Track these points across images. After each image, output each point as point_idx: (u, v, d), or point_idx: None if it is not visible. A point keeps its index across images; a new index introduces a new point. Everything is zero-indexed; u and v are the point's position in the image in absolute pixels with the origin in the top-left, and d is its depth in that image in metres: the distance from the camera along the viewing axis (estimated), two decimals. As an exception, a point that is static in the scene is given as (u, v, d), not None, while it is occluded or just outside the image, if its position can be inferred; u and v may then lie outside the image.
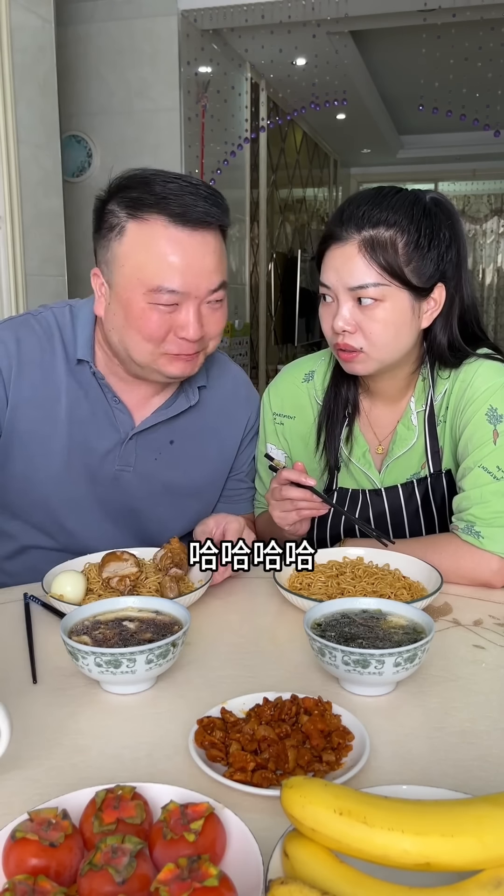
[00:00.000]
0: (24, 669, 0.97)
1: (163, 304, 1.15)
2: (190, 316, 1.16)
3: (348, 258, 1.19)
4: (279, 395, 1.43)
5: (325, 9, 4.13)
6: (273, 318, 6.51)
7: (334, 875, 0.56)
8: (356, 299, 1.20)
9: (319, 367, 1.41)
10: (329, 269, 1.22)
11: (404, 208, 1.19)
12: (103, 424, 1.30)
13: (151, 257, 1.13)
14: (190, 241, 1.14)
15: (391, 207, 1.19)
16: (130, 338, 1.19)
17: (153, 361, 1.21)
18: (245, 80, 5.35)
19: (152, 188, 1.14)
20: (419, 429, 1.31)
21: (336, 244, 1.20)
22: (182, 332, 1.17)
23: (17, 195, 2.64)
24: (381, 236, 1.18)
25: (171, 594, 1.10)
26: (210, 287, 1.17)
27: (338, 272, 1.20)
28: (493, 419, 1.23)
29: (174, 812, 0.59)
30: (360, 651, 0.84)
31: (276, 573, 1.17)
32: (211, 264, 1.16)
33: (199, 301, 1.17)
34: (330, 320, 1.24)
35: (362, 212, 1.19)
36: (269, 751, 0.74)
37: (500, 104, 6.26)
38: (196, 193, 1.15)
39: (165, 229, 1.13)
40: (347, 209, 1.21)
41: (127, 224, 1.15)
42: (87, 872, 0.54)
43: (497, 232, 10.01)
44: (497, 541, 1.21)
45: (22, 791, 0.72)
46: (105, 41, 4.13)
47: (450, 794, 0.66)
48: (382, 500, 1.35)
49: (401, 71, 5.86)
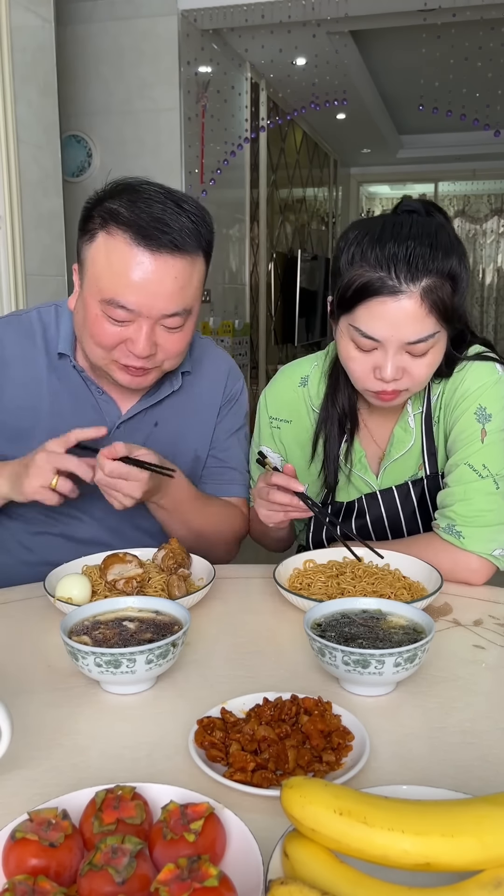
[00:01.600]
0: (24, 669, 0.97)
1: (114, 318, 1.16)
2: (141, 333, 1.16)
3: (407, 313, 1.11)
4: (275, 399, 1.41)
5: (325, 9, 4.13)
6: (273, 318, 6.51)
7: (334, 875, 0.56)
8: (406, 350, 1.14)
9: (314, 373, 1.38)
10: (380, 323, 1.12)
11: (452, 246, 1.14)
12: (89, 415, 1.32)
13: (111, 270, 1.14)
14: (150, 263, 1.12)
15: (443, 251, 1.12)
16: (85, 340, 1.23)
17: (105, 366, 1.23)
18: (245, 79, 5.35)
19: (134, 204, 1.14)
20: (416, 431, 1.31)
21: (388, 297, 1.10)
22: (131, 346, 1.18)
23: (17, 195, 2.64)
24: (438, 285, 1.11)
25: (179, 593, 1.10)
26: (165, 311, 1.15)
27: (395, 328, 1.12)
28: (481, 418, 1.23)
29: (174, 812, 0.59)
30: (360, 651, 0.84)
31: (277, 573, 1.17)
32: (169, 289, 1.14)
33: (152, 321, 1.16)
34: (369, 370, 1.17)
35: (416, 258, 1.10)
36: (269, 751, 0.74)
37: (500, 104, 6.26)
38: (175, 220, 1.13)
39: (128, 247, 1.12)
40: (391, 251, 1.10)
41: (98, 232, 1.16)
42: (87, 873, 0.54)
43: (497, 232, 10.01)
44: (477, 540, 1.21)
45: (22, 791, 0.72)
46: (105, 41, 4.14)
47: (450, 795, 0.66)
48: (379, 503, 1.35)
49: (401, 71, 5.86)
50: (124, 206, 1.14)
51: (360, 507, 1.36)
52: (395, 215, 1.19)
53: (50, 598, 1.08)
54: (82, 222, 1.20)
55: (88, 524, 1.35)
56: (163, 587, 1.13)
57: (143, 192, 1.16)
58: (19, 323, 1.35)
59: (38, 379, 1.32)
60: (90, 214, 1.18)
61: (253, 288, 5.87)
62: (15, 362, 1.32)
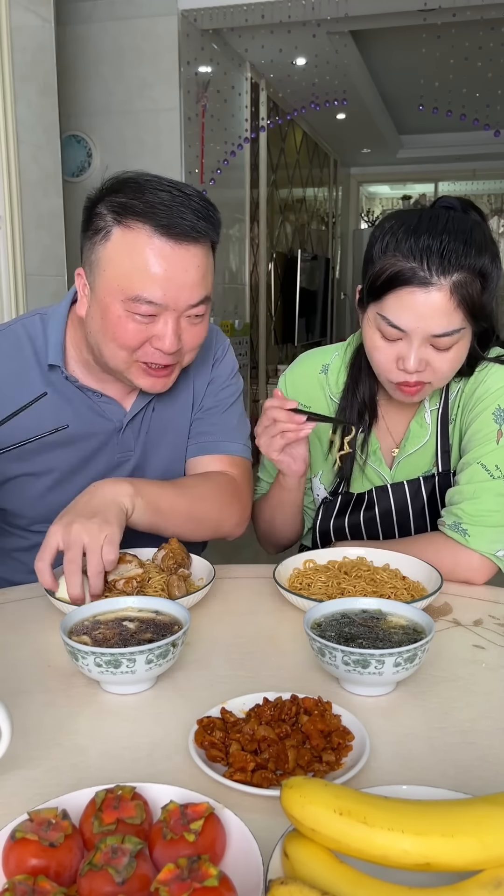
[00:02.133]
0: (24, 669, 0.97)
1: (140, 314, 1.13)
2: (168, 328, 1.14)
3: (435, 305, 1.12)
4: (295, 383, 1.42)
5: (325, 9, 4.14)
6: (273, 318, 6.51)
7: (334, 875, 0.56)
8: (431, 343, 1.15)
9: (334, 362, 1.39)
10: (408, 313, 1.13)
11: (486, 245, 1.14)
12: (92, 420, 1.30)
13: (133, 266, 1.11)
14: (173, 254, 1.11)
15: (477, 248, 1.13)
16: (105, 344, 1.18)
17: (126, 369, 1.20)
18: (245, 79, 5.35)
19: (143, 195, 1.12)
20: (432, 427, 1.32)
21: (418, 287, 1.11)
22: (158, 343, 1.15)
23: (17, 195, 2.64)
24: (469, 281, 1.12)
25: (179, 593, 1.10)
26: (190, 301, 1.14)
27: (422, 319, 1.13)
28: (499, 419, 1.23)
29: (174, 812, 0.59)
30: (360, 651, 0.84)
31: (277, 573, 1.17)
32: (194, 278, 1.14)
33: (177, 314, 1.15)
34: (393, 360, 1.18)
35: (449, 252, 1.11)
36: (269, 751, 0.74)
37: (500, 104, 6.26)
38: (187, 205, 1.13)
39: (150, 239, 1.11)
40: (425, 243, 1.11)
41: (113, 229, 1.13)
42: (86, 872, 0.54)
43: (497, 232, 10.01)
44: (481, 539, 1.21)
45: (22, 791, 0.72)
46: (105, 41, 4.14)
47: (450, 795, 0.66)
48: (389, 496, 1.35)
49: (401, 71, 5.86)
50: (135, 197, 1.12)
51: (369, 499, 1.36)
52: (432, 209, 1.20)
53: (50, 598, 1.08)
54: (87, 222, 1.17)
55: None
56: (163, 587, 1.13)
57: (149, 184, 1.14)
58: (5, 338, 1.30)
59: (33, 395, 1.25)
60: (96, 212, 1.15)
61: (253, 288, 5.87)
62: (7, 380, 1.27)
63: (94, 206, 1.16)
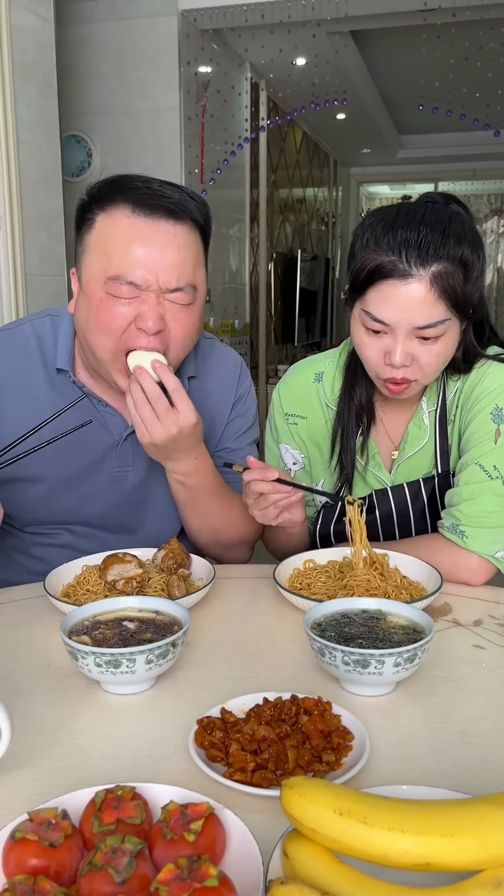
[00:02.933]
0: (24, 669, 0.97)
1: (121, 295, 1.12)
2: (148, 305, 1.13)
3: (416, 297, 1.11)
4: (290, 395, 1.40)
5: (325, 9, 4.13)
6: (273, 318, 6.51)
7: (334, 875, 0.56)
8: (416, 335, 1.15)
9: (328, 370, 1.38)
10: (390, 306, 1.13)
11: (465, 235, 1.14)
12: (94, 429, 1.28)
13: (112, 246, 1.12)
14: (151, 231, 1.11)
15: (455, 237, 1.12)
16: (92, 333, 1.17)
17: (111, 362, 1.17)
18: (245, 80, 5.35)
19: (130, 182, 1.14)
20: (430, 428, 1.31)
21: (398, 280, 1.11)
22: (140, 322, 1.13)
23: (17, 195, 2.64)
24: (449, 271, 1.12)
25: (179, 593, 1.10)
26: (168, 285, 1.13)
27: (404, 311, 1.12)
28: (497, 418, 1.23)
29: (174, 812, 0.59)
30: (360, 651, 0.84)
31: (277, 573, 1.17)
32: (173, 258, 1.12)
33: (158, 293, 1.13)
34: (380, 353, 1.18)
35: (427, 243, 1.11)
36: (268, 751, 0.74)
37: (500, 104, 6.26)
38: (172, 189, 1.13)
39: (128, 218, 1.12)
40: (403, 236, 1.12)
41: (97, 217, 1.15)
42: (86, 873, 0.54)
43: (497, 232, 10.02)
44: (480, 541, 1.21)
45: (22, 791, 0.72)
46: (105, 41, 4.13)
47: (450, 795, 0.66)
48: (389, 499, 1.35)
49: (401, 71, 5.86)
50: (118, 187, 1.14)
51: (370, 502, 1.36)
52: (411, 203, 1.20)
53: (50, 598, 1.08)
54: (78, 221, 1.19)
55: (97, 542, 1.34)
56: (163, 587, 1.13)
57: (138, 176, 1.16)
58: (12, 337, 1.28)
59: (38, 399, 1.26)
60: (87, 208, 1.17)
61: (253, 288, 5.87)
62: (11, 382, 1.25)
63: (86, 204, 1.17)
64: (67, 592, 1.14)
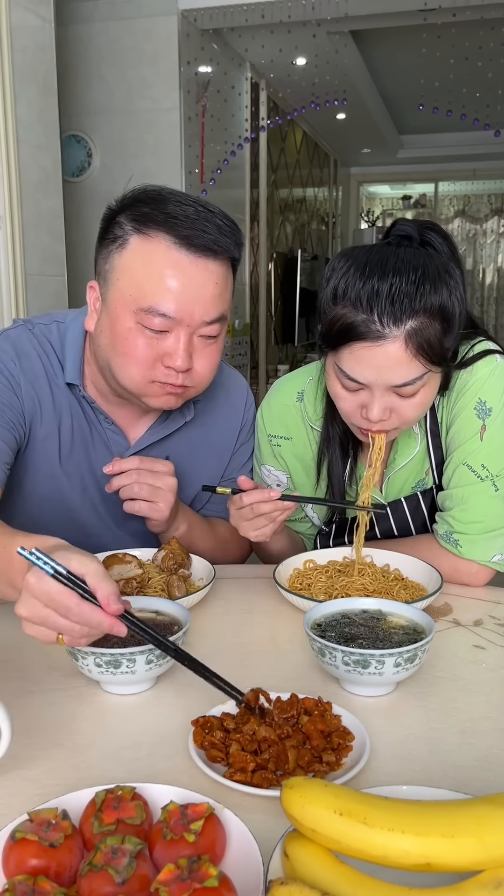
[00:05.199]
0: (24, 669, 0.97)
1: (152, 327, 1.09)
2: (180, 344, 1.10)
3: (391, 358, 1.06)
4: (272, 416, 1.37)
5: (325, 8, 4.13)
6: (273, 318, 6.51)
7: (334, 875, 0.56)
8: (394, 392, 1.10)
9: (308, 388, 1.34)
10: (364, 367, 1.08)
11: (439, 278, 1.07)
12: (99, 446, 1.27)
13: (149, 276, 1.08)
14: (191, 267, 1.08)
15: (431, 286, 1.05)
16: (116, 361, 1.13)
17: (140, 389, 1.14)
18: (245, 79, 5.35)
19: (165, 206, 1.09)
20: (420, 436, 1.27)
21: (371, 342, 1.06)
22: (168, 361, 1.10)
23: (16, 195, 2.64)
24: (424, 327, 1.05)
25: (179, 593, 1.10)
26: (205, 318, 1.10)
27: (380, 372, 1.07)
28: (481, 413, 1.19)
29: (174, 812, 0.59)
30: (360, 651, 0.84)
31: (277, 573, 1.17)
32: (210, 294, 1.10)
33: (191, 330, 1.10)
34: (356, 408, 1.13)
35: (401, 299, 1.04)
36: (269, 751, 0.74)
37: (500, 104, 6.26)
38: (210, 220, 1.09)
39: (168, 249, 1.07)
40: (374, 293, 1.05)
41: (131, 237, 1.09)
42: (86, 873, 0.54)
43: (497, 232, 10.01)
44: (474, 549, 1.20)
45: (22, 791, 0.72)
46: (105, 41, 4.13)
47: (450, 795, 0.66)
48: (388, 516, 1.31)
49: (401, 71, 5.86)
50: (157, 207, 1.09)
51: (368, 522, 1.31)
52: (383, 247, 1.12)
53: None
54: (104, 231, 1.14)
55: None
56: (163, 587, 1.13)
57: (173, 197, 1.11)
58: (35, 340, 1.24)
59: (59, 404, 1.23)
60: (115, 221, 1.12)
61: (253, 288, 5.86)
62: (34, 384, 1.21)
63: (114, 216, 1.13)
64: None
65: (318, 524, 1.41)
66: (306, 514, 1.41)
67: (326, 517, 1.39)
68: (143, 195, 1.12)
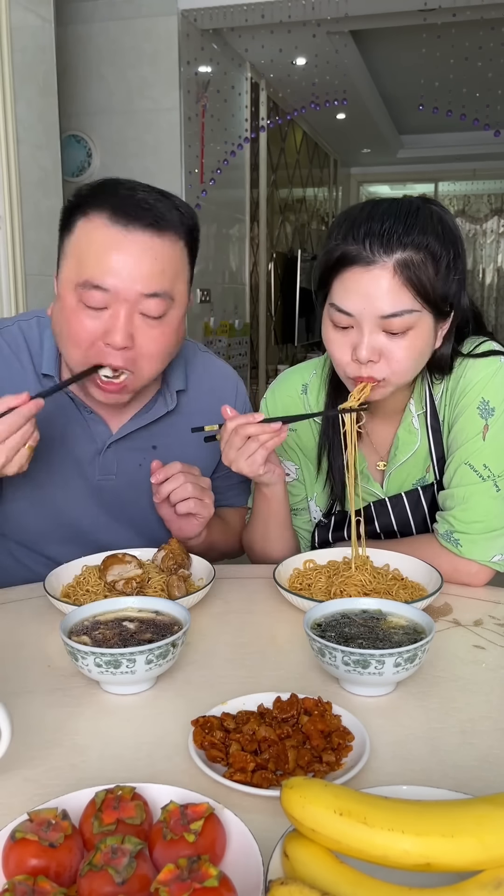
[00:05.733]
0: (24, 669, 0.97)
1: (92, 305, 1.10)
2: (119, 320, 1.10)
3: (379, 284, 1.08)
4: (277, 407, 1.38)
5: (325, 8, 4.13)
6: (273, 318, 6.51)
7: (334, 875, 0.56)
8: (383, 328, 1.11)
9: (313, 382, 1.36)
10: (353, 294, 1.10)
11: (432, 226, 1.11)
12: (79, 435, 1.28)
13: (87, 252, 1.10)
14: (127, 241, 1.09)
15: (420, 227, 1.10)
16: (63, 343, 1.17)
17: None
18: (245, 79, 5.35)
19: (116, 189, 1.12)
20: (421, 431, 1.27)
21: (361, 267, 1.09)
22: (107, 338, 1.11)
23: (16, 195, 2.64)
24: (415, 261, 1.08)
25: (179, 593, 1.10)
26: (143, 291, 1.10)
27: (368, 298, 1.09)
28: (484, 413, 1.19)
29: (174, 812, 0.59)
30: (360, 651, 0.84)
31: (277, 573, 1.17)
32: (148, 268, 1.10)
33: (128, 305, 1.11)
34: (348, 350, 1.14)
35: (391, 232, 1.08)
36: (269, 751, 0.74)
37: (500, 104, 6.26)
38: (154, 199, 1.11)
39: (105, 226, 1.10)
40: (366, 227, 1.10)
41: (77, 222, 1.13)
42: (86, 873, 0.54)
43: (497, 232, 10.01)
44: (475, 548, 1.20)
45: (22, 791, 0.72)
46: (105, 41, 4.13)
47: (450, 795, 0.66)
48: (388, 510, 1.32)
49: (401, 71, 5.86)
50: (106, 193, 1.12)
51: (367, 514, 1.32)
52: (381, 199, 1.18)
53: (50, 598, 1.08)
54: (62, 224, 1.17)
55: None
56: (163, 587, 1.13)
57: (126, 183, 1.14)
58: (3, 341, 1.28)
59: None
60: (70, 211, 1.15)
61: (253, 288, 5.86)
62: (4, 383, 1.24)
63: (71, 208, 1.16)
64: (67, 593, 1.14)
65: (317, 517, 1.41)
66: (308, 505, 1.41)
67: (326, 508, 1.39)
68: (94, 184, 1.16)
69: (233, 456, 1.17)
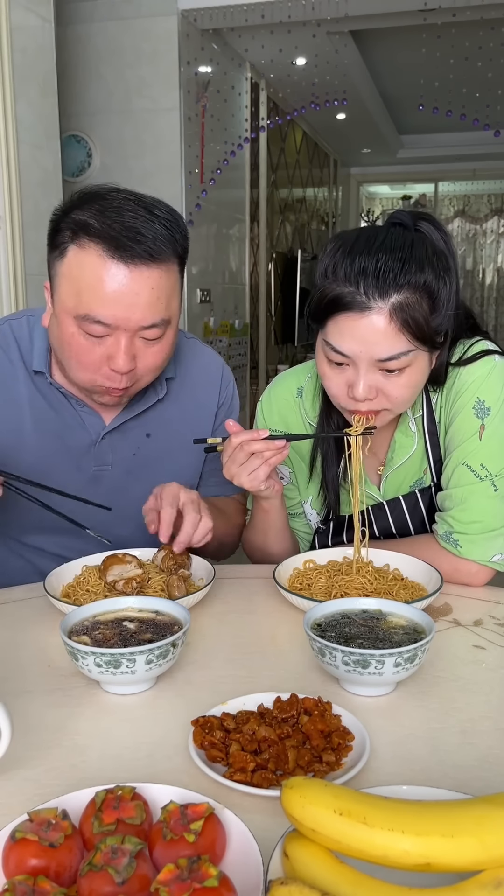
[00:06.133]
0: (24, 669, 0.97)
1: (92, 333, 1.12)
2: (120, 347, 1.13)
3: (376, 330, 1.07)
4: (272, 410, 1.38)
5: (325, 9, 4.13)
6: (273, 318, 6.51)
7: (334, 875, 0.56)
8: (380, 367, 1.10)
9: (307, 385, 1.35)
10: (349, 339, 1.09)
11: (427, 259, 1.08)
12: (73, 428, 1.30)
13: (84, 285, 1.10)
14: (124, 276, 1.09)
15: (416, 263, 1.07)
16: (66, 362, 1.20)
17: (89, 388, 1.21)
18: (245, 79, 5.35)
19: (103, 214, 1.10)
20: (418, 434, 1.27)
21: (356, 312, 1.07)
22: (111, 363, 1.14)
23: (16, 195, 2.64)
24: (410, 301, 1.06)
25: (179, 593, 1.10)
26: (141, 323, 1.12)
27: (364, 344, 1.08)
28: (480, 412, 1.19)
29: (174, 812, 0.59)
30: (360, 651, 0.84)
31: (277, 573, 1.17)
32: (146, 301, 1.11)
33: (130, 334, 1.13)
34: (343, 387, 1.14)
35: (385, 272, 1.06)
36: (269, 751, 0.74)
37: (500, 104, 6.26)
38: (148, 227, 1.10)
39: (101, 259, 1.09)
40: (360, 264, 1.07)
41: (68, 247, 1.12)
42: (86, 873, 0.54)
43: (497, 232, 10.01)
44: (474, 549, 1.20)
45: (22, 791, 0.72)
46: (105, 41, 4.13)
47: (450, 795, 0.66)
48: (386, 513, 1.32)
49: (401, 71, 5.86)
50: (94, 216, 1.10)
51: (366, 518, 1.31)
52: (373, 227, 1.15)
53: (50, 598, 1.08)
54: (50, 237, 1.16)
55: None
56: (163, 587, 1.13)
57: (111, 200, 1.12)
58: None
59: (18, 398, 1.28)
60: (58, 228, 1.14)
61: (253, 288, 5.86)
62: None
63: (59, 221, 1.14)
64: (67, 592, 1.14)
65: (314, 522, 1.41)
66: (304, 510, 1.41)
67: (323, 515, 1.39)
68: (81, 199, 1.14)
69: (235, 471, 1.17)
